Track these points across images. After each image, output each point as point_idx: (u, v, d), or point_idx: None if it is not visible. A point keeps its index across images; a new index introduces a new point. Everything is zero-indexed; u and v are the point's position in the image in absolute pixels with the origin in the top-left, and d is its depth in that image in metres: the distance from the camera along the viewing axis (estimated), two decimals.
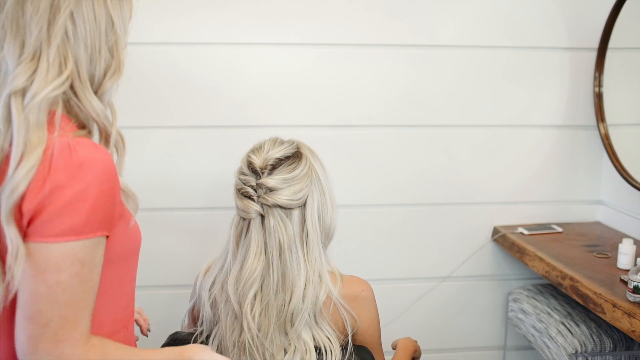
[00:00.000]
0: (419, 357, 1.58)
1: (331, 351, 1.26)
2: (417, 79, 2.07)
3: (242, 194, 1.29)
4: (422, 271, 2.20)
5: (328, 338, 1.28)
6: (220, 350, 1.27)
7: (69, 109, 0.99)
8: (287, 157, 1.33)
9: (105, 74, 1.00)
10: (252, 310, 1.23)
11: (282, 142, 1.37)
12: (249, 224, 1.28)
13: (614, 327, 1.79)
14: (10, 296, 0.91)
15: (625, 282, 1.63)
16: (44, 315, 0.88)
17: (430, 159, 2.13)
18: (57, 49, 0.94)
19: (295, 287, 1.25)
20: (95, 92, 1.00)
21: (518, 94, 2.13)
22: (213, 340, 1.30)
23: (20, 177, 0.87)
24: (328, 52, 2.02)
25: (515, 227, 2.15)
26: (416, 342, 1.58)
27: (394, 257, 2.18)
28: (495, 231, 2.18)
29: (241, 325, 1.24)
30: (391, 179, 2.12)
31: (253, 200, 1.27)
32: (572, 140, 2.18)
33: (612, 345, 1.80)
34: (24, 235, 0.90)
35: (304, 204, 1.29)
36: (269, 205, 1.26)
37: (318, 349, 1.27)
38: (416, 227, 2.17)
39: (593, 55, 2.09)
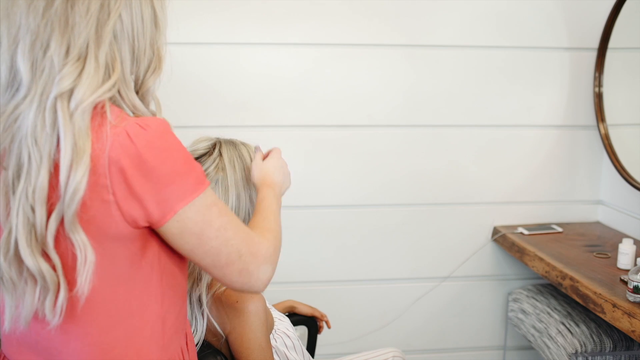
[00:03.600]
0: None
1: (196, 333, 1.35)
2: (417, 79, 2.07)
3: None
4: (423, 271, 2.20)
5: (215, 326, 1.35)
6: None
7: (114, 101, 0.97)
8: (199, 158, 1.36)
9: (147, 71, 1.00)
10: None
11: (202, 141, 1.39)
12: None
13: (614, 327, 1.79)
14: (82, 302, 0.92)
15: (625, 282, 1.63)
16: (233, 253, 0.99)
17: (431, 159, 2.13)
18: (105, 51, 0.92)
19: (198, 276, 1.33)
20: (138, 90, 1.00)
21: (518, 94, 2.13)
22: None
23: (76, 183, 0.86)
24: (328, 52, 2.02)
25: (515, 227, 2.15)
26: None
27: (394, 257, 2.18)
28: (495, 231, 2.18)
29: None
30: (391, 179, 2.12)
31: None
32: (572, 140, 2.18)
33: (612, 345, 1.80)
34: (160, 220, 0.93)
35: None
36: None
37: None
38: (416, 227, 2.17)
39: (593, 55, 2.09)
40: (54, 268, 0.90)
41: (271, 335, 1.42)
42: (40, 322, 0.94)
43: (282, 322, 1.47)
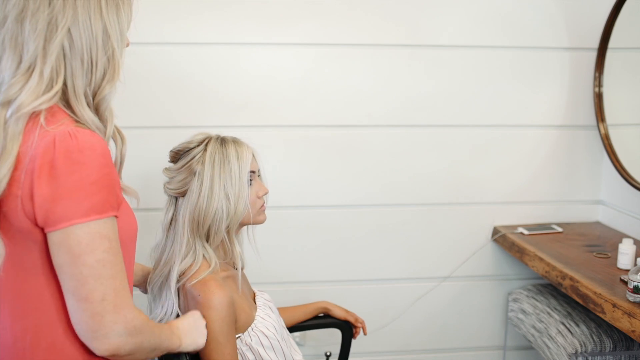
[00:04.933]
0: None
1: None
2: (417, 79, 2.07)
3: None
4: (422, 271, 2.20)
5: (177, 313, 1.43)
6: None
7: (67, 111, 1.03)
8: (189, 150, 1.45)
9: (102, 80, 1.03)
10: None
11: (199, 135, 1.48)
12: None
13: (614, 327, 1.79)
14: None
15: (625, 282, 1.63)
16: (98, 292, 0.97)
17: (431, 159, 2.13)
18: (51, 65, 0.97)
19: (173, 261, 1.44)
20: (94, 97, 1.04)
21: (518, 94, 2.13)
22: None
23: None
24: (328, 52, 2.02)
25: (515, 227, 2.15)
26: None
27: (393, 257, 2.18)
28: (495, 231, 2.18)
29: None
30: (391, 179, 2.12)
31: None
32: (572, 140, 2.18)
33: (612, 345, 1.80)
34: (45, 227, 0.96)
35: (184, 194, 1.44)
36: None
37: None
38: (416, 227, 2.17)
39: (593, 55, 2.09)
40: None
41: (246, 333, 1.43)
42: None
43: (264, 321, 1.47)
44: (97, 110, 1.05)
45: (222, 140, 1.45)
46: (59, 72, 0.99)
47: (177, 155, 1.47)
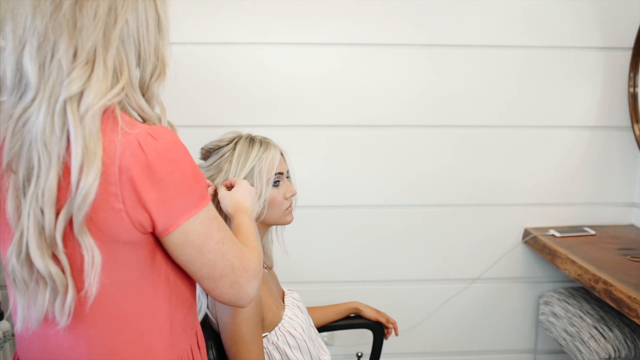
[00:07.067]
0: None
1: None
2: (446, 79, 2.06)
3: None
4: (452, 272, 2.19)
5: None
6: None
7: (122, 105, 0.96)
8: (219, 148, 1.47)
9: (152, 77, 0.99)
10: None
11: (230, 133, 1.49)
12: None
13: None
14: (89, 304, 0.92)
15: None
16: (227, 266, 1.01)
17: (461, 160, 2.11)
18: (113, 55, 0.91)
19: None
20: (143, 95, 0.99)
21: (550, 94, 2.10)
22: None
23: (87, 187, 0.86)
24: (357, 51, 2.02)
25: (546, 229, 2.13)
26: None
27: (422, 258, 2.17)
28: (526, 233, 2.15)
29: None
30: (420, 179, 2.11)
31: None
32: (606, 142, 2.14)
33: None
34: (164, 232, 0.94)
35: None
36: None
37: None
38: (445, 227, 2.16)
39: (628, 54, 2.06)
40: (62, 270, 0.91)
41: (273, 332, 1.43)
42: (51, 323, 0.95)
43: (292, 321, 1.48)
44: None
45: (251, 140, 1.46)
46: (122, 62, 0.93)
47: (208, 153, 1.49)
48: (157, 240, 0.97)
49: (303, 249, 2.11)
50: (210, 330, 1.42)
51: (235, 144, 1.45)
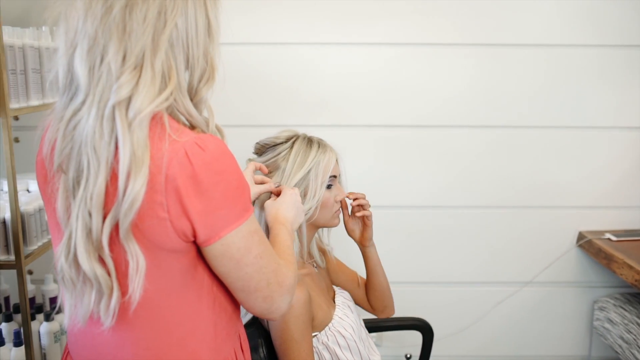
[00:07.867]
0: None
1: None
2: (499, 79, 2.04)
3: None
4: (503, 275, 2.16)
5: None
6: None
7: (170, 110, 0.96)
8: (275, 145, 1.48)
9: (200, 81, 0.99)
10: None
11: (287, 131, 1.50)
12: None
13: None
14: (133, 307, 0.94)
15: None
16: (263, 281, 1.00)
17: (513, 161, 2.08)
18: (162, 60, 0.91)
19: None
20: (192, 99, 0.98)
21: (605, 94, 2.05)
22: None
23: (135, 193, 0.86)
24: (407, 51, 2.02)
25: (602, 232, 2.07)
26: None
27: (474, 260, 2.15)
28: (581, 236, 2.10)
29: None
30: (472, 180, 2.09)
31: None
32: None
33: None
34: (205, 242, 0.94)
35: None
36: None
37: None
38: (497, 229, 2.13)
39: None
40: (108, 273, 0.92)
41: (323, 332, 1.44)
42: (96, 322, 0.96)
43: (342, 321, 1.48)
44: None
45: (309, 141, 1.48)
46: (170, 67, 0.92)
47: (262, 149, 1.50)
48: (199, 248, 0.98)
49: (352, 249, 2.11)
50: (260, 328, 1.44)
51: (293, 142, 1.47)
